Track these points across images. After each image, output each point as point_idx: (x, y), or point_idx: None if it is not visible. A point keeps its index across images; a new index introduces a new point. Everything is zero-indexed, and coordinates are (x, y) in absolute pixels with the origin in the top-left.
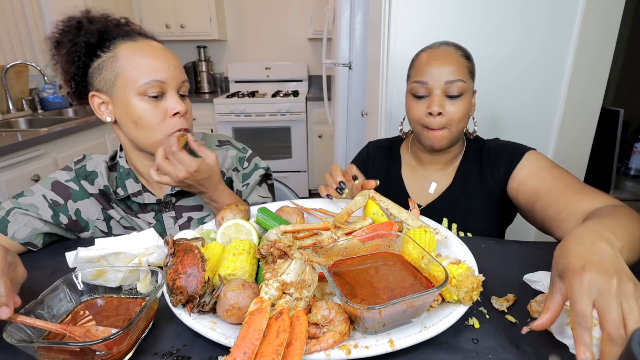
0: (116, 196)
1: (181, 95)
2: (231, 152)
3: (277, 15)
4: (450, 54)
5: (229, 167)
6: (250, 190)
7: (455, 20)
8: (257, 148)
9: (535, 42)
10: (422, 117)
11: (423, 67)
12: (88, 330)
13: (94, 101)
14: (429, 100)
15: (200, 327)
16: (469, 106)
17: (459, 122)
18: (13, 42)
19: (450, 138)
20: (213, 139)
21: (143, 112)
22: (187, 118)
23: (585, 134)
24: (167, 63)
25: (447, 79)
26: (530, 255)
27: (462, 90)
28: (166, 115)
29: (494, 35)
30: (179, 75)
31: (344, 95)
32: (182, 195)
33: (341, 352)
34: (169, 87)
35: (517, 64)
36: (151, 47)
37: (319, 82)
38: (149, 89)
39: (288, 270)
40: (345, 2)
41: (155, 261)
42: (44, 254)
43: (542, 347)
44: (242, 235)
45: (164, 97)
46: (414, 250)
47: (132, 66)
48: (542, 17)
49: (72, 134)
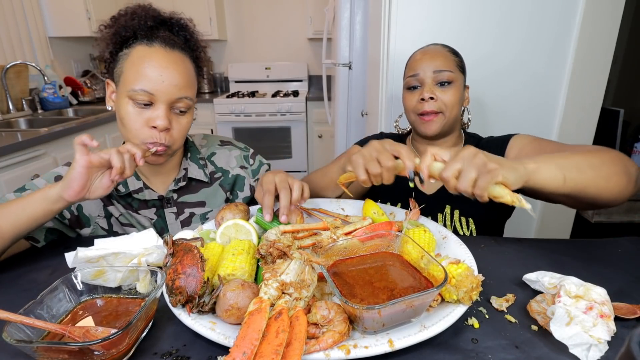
0: (117, 193)
1: (180, 111)
2: (234, 152)
3: (277, 15)
4: (438, 50)
5: (235, 165)
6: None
7: (455, 21)
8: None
9: (535, 42)
10: (416, 105)
11: (415, 63)
12: (87, 330)
13: (108, 87)
14: (421, 89)
15: (199, 327)
16: (460, 95)
17: (451, 108)
18: (13, 42)
19: (443, 123)
20: (215, 140)
21: (126, 114)
22: (170, 134)
23: (585, 134)
24: (162, 77)
25: (436, 69)
26: (530, 255)
27: (451, 79)
28: (147, 124)
29: (494, 35)
30: (173, 92)
31: (344, 95)
32: (183, 191)
33: (340, 352)
34: (158, 99)
35: (516, 64)
36: (158, 57)
37: (319, 82)
38: (137, 96)
39: (287, 270)
40: (345, 2)
41: (154, 261)
42: (43, 254)
43: (542, 347)
44: (241, 235)
45: (152, 107)
46: (413, 250)
47: (133, 69)
48: (541, 17)
49: (72, 134)
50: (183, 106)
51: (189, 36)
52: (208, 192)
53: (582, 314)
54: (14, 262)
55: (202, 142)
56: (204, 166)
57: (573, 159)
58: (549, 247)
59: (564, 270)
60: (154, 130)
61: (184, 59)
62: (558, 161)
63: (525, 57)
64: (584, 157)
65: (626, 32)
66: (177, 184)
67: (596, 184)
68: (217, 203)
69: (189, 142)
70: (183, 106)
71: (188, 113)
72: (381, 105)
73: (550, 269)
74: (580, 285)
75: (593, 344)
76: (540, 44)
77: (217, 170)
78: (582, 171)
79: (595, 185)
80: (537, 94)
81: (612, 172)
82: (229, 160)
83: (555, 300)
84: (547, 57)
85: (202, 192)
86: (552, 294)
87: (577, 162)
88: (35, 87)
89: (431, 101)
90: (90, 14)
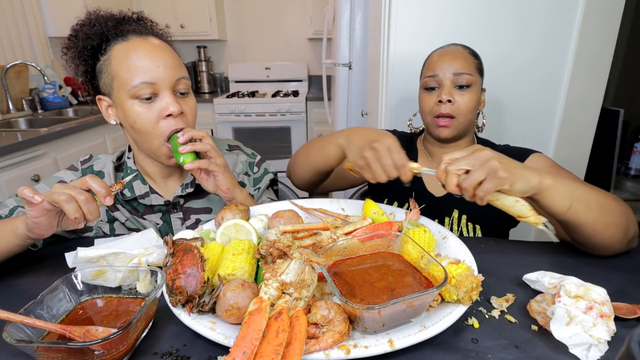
0: (123, 197)
1: (181, 93)
2: (241, 157)
3: (277, 15)
4: (459, 51)
5: (240, 171)
6: (261, 193)
7: (455, 20)
8: (257, 148)
9: (535, 42)
10: (433, 107)
11: (434, 64)
12: (88, 330)
13: (101, 104)
14: (440, 91)
15: (199, 327)
16: (477, 99)
17: (466, 114)
18: (13, 42)
19: (457, 128)
20: (223, 144)
21: (136, 116)
22: (186, 117)
23: (585, 134)
24: (155, 62)
25: (455, 71)
26: (530, 255)
27: (470, 82)
28: (160, 117)
29: (493, 35)
30: (171, 74)
31: (344, 95)
32: (190, 197)
33: (340, 352)
34: (160, 87)
35: (516, 64)
36: (142, 46)
37: (319, 82)
38: (139, 91)
39: (287, 270)
40: (345, 2)
41: (154, 261)
42: (43, 254)
43: (542, 347)
44: (241, 235)
45: (158, 98)
46: (413, 250)
47: (123, 68)
48: (541, 17)
49: (72, 134)
50: (183, 87)
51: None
52: (214, 198)
53: (582, 314)
54: (14, 262)
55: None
56: None
57: (586, 192)
58: (549, 247)
59: (564, 270)
60: (170, 118)
61: (161, 42)
62: (572, 188)
63: (524, 56)
64: (597, 195)
65: (626, 32)
66: (185, 189)
67: (593, 226)
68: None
69: None
70: (183, 87)
71: (190, 94)
72: (381, 105)
73: (550, 268)
74: (580, 285)
75: (593, 344)
76: (540, 43)
77: None
78: (589, 208)
79: (593, 226)
80: (537, 95)
81: (613, 223)
82: (235, 165)
83: (555, 300)
84: (546, 56)
85: (208, 198)
86: (552, 294)
87: (588, 197)
88: (35, 87)
89: (448, 104)
90: None
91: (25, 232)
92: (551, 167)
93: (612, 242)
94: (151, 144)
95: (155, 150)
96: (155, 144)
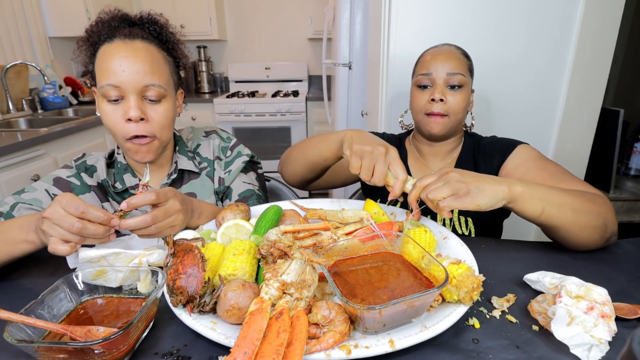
0: (114, 189)
1: (151, 100)
2: (215, 141)
3: (277, 15)
4: (452, 51)
5: (214, 155)
6: (233, 177)
7: (455, 20)
8: (257, 148)
9: (535, 42)
10: (425, 105)
11: (428, 62)
12: (89, 330)
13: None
14: (432, 89)
15: (200, 327)
16: (468, 100)
17: (457, 113)
18: (13, 42)
19: (448, 126)
20: (200, 131)
21: (105, 114)
22: (149, 124)
23: (585, 134)
24: (123, 67)
25: (449, 71)
26: (530, 255)
27: (462, 82)
28: (124, 118)
29: (493, 35)
30: (136, 80)
31: (344, 95)
32: (176, 184)
33: (341, 352)
34: (125, 91)
35: (516, 64)
36: (118, 49)
37: (319, 82)
38: (107, 92)
39: (288, 270)
40: (345, 2)
41: (155, 261)
42: (43, 254)
43: (543, 347)
44: (242, 235)
45: (124, 100)
46: (414, 250)
47: (98, 68)
48: (541, 17)
49: (72, 134)
50: (154, 95)
51: (160, 29)
52: (196, 184)
53: (583, 314)
54: (15, 262)
55: (189, 135)
56: (193, 158)
57: (559, 196)
58: (549, 247)
59: (565, 271)
60: (131, 123)
61: (148, 47)
62: (544, 193)
63: (523, 56)
64: (572, 198)
65: (626, 32)
66: (170, 177)
67: (568, 228)
68: (207, 194)
69: (177, 137)
70: (154, 95)
71: (164, 101)
72: (381, 105)
73: (551, 269)
74: (581, 286)
75: (594, 344)
76: (540, 43)
77: (202, 161)
78: (562, 211)
79: (567, 229)
80: (537, 95)
81: (589, 225)
82: (211, 149)
83: (556, 300)
84: (546, 56)
85: (191, 184)
86: (553, 294)
87: (561, 201)
88: (35, 87)
89: (440, 103)
90: (90, 14)
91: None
92: (537, 159)
93: (589, 242)
94: (118, 141)
95: (122, 147)
96: (119, 141)
